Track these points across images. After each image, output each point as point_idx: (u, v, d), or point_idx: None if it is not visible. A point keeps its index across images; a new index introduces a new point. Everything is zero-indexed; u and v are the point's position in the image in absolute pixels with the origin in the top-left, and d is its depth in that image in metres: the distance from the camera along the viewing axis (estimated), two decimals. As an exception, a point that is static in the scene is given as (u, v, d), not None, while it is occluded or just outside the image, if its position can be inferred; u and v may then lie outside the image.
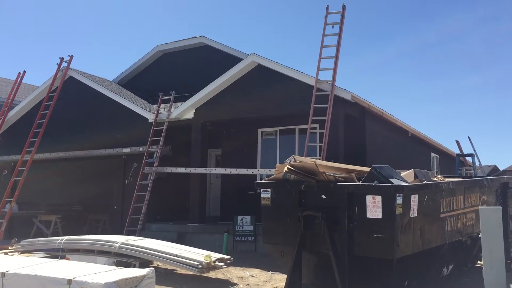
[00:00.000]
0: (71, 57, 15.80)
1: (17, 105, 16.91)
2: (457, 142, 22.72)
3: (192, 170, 13.31)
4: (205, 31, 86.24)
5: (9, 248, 10.85)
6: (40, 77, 75.81)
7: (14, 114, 16.74)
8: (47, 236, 12.60)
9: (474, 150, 22.12)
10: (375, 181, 6.09)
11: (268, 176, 10.56)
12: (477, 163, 21.08)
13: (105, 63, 69.50)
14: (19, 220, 15.11)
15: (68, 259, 8.73)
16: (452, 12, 69.89)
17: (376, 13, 71.04)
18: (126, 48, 70.10)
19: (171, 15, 67.87)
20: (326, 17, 12.43)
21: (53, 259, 7.76)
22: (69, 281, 5.64)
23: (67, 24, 64.06)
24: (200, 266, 7.99)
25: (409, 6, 70.68)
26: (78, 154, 15.07)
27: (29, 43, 63.00)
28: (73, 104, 15.71)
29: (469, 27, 70.88)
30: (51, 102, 14.85)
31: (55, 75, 15.70)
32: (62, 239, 9.74)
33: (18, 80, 16.51)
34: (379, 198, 5.79)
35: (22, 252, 10.20)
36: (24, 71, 16.53)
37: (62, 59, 15.79)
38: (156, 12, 65.94)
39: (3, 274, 6.19)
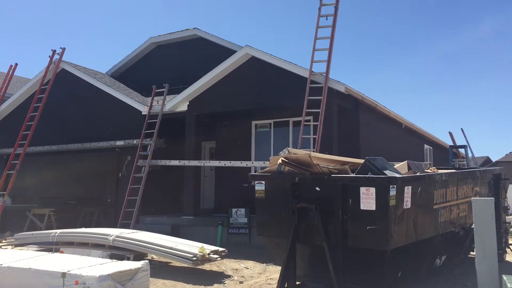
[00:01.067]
0: (63, 49, 15.69)
1: (9, 98, 16.78)
2: (450, 133, 22.83)
3: (186, 162, 13.29)
4: (199, 23, 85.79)
5: (3, 241, 10.82)
6: (32, 70, 75.28)
7: (6, 107, 16.63)
8: (40, 230, 12.57)
9: (467, 142, 22.23)
10: (369, 173, 6.12)
11: (262, 168, 10.58)
12: (470, 155, 21.16)
13: (98, 56, 69.08)
14: (13, 214, 15.04)
15: (62, 252, 8.72)
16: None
17: (374, 11, 71.00)
18: (119, 41, 69.67)
19: (164, 7, 67.51)
20: (319, 8, 12.39)
21: (47, 253, 7.75)
22: (63, 274, 5.64)
23: (59, 16, 63.57)
24: (194, 258, 8.01)
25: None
26: (71, 147, 15.00)
27: (21, 35, 62.51)
28: (66, 97, 15.61)
29: (457, 23, 71.06)
30: (43, 95, 14.74)
31: (47, 68, 15.57)
32: (56, 232, 9.72)
33: (10, 73, 16.37)
34: (372, 190, 5.82)
35: (16, 245, 10.18)
36: (16, 64, 16.40)
37: (54, 51, 15.66)
38: (149, 4, 65.54)
39: (-3, 268, 6.18)
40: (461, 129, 23.27)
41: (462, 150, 21.69)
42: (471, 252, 8.87)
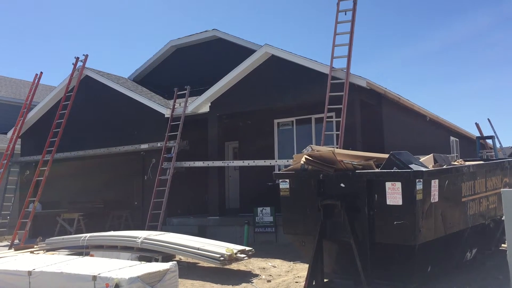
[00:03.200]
0: (86, 56, 15.95)
1: (36, 106, 17.16)
2: (477, 124, 22.39)
3: (210, 163, 13.36)
4: (218, 24, 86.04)
5: (35, 246, 11.07)
6: (56, 77, 76.59)
7: (33, 115, 17.00)
8: (70, 234, 12.83)
9: (494, 132, 21.75)
10: (394, 167, 6.05)
11: (286, 166, 10.58)
12: (497, 145, 20.72)
13: (120, 60, 69.92)
14: (43, 219, 15.38)
15: (92, 255, 8.88)
16: (467, -8, 68.52)
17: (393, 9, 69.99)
18: (140, 45, 70.38)
19: (183, 9, 67.94)
20: (338, 4, 12.30)
21: (78, 256, 7.89)
22: (94, 277, 5.74)
23: (80, 23, 64.59)
24: (222, 258, 8.05)
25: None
26: (97, 152, 15.24)
27: (44, 43, 63.71)
28: (90, 103, 15.87)
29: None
30: (68, 102, 15.02)
31: (71, 75, 15.86)
32: (86, 236, 9.89)
33: (36, 81, 16.72)
34: (398, 184, 5.75)
35: (47, 250, 10.40)
36: (41, 72, 16.75)
37: (77, 58, 15.95)
38: (168, 7, 66.03)
39: (30, 273, 6.34)
40: (488, 119, 22.77)
41: (489, 141, 21.27)
42: (503, 245, 8.69)
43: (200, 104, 13.75)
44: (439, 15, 66.64)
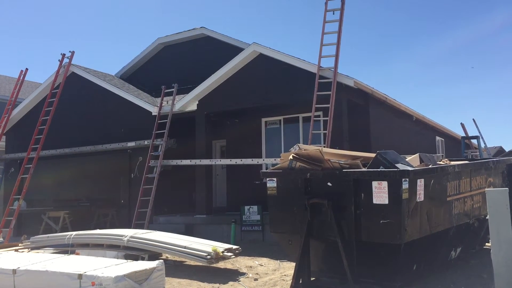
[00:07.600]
0: (73, 53, 15.79)
1: (21, 103, 16.96)
2: (462, 124, 22.59)
3: (197, 161, 13.33)
4: (206, 22, 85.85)
5: (19, 245, 10.94)
6: (42, 74, 75.85)
7: (18, 112, 16.80)
8: (56, 232, 12.69)
9: (479, 132, 21.95)
10: (381, 166, 6.09)
11: (273, 165, 10.59)
12: (482, 145, 20.94)
13: (107, 58, 69.40)
14: (28, 217, 15.22)
15: (78, 254, 8.81)
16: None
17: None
18: (127, 42, 69.94)
19: (171, 6, 67.61)
20: (326, 3, 12.33)
21: (63, 255, 7.83)
22: (80, 276, 5.70)
23: (67, 20, 63.96)
24: (209, 257, 8.05)
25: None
26: (83, 150, 15.12)
27: (30, 40, 63.00)
28: (76, 100, 15.73)
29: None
30: (54, 99, 14.86)
31: (57, 72, 15.70)
32: (71, 235, 9.81)
33: (21, 78, 16.52)
34: (385, 183, 5.79)
35: (32, 248, 10.30)
36: (27, 69, 16.56)
37: (63, 55, 15.79)
38: (156, 4, 65.68)
39: (14, 271, 6.27)
40: (473, 119, 22.93)
41: (474, 141, 21.49)
42: (487, 243, 8.81)
43: (187, 102, 13.71)
44: (439, 19, 67.22)
